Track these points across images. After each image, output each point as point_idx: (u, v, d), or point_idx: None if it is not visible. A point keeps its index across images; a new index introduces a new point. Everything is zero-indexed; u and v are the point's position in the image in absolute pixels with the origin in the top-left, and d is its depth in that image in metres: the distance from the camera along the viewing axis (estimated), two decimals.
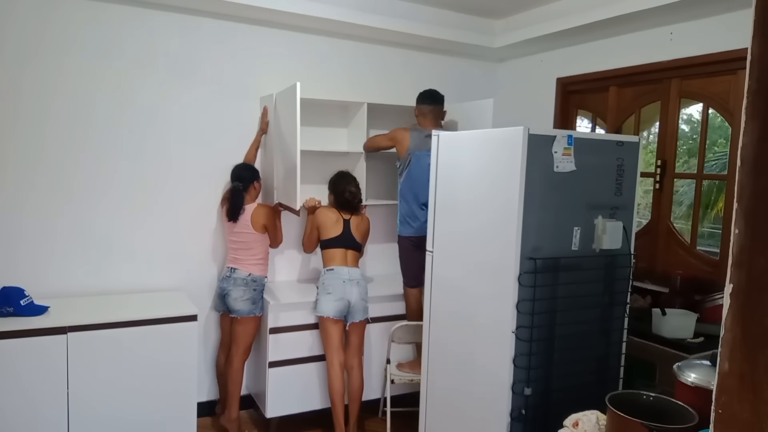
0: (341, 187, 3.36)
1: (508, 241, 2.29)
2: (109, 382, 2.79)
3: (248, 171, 3.33)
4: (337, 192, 3.37)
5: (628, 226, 2.49)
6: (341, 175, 3.42)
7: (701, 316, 2.81)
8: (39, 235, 3.08)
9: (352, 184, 3.38)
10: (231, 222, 3.24)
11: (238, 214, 3.21)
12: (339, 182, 3.38)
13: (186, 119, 3.39)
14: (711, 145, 4.47)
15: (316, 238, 3.38)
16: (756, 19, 0.79)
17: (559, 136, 2.30)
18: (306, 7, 3.35)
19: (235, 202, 3.22)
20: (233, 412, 3.27)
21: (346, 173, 3.45)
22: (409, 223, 3.39)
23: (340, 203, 3.36)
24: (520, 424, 2.32)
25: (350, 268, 3.28)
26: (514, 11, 3.80)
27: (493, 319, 2.39)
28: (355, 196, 3.38)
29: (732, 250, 0.82)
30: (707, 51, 3.00)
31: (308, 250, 3.46)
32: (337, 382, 3.22)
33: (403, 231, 3.43)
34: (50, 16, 3.01)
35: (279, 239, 3.37)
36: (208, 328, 3.55)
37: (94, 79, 3.13)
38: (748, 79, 0.80)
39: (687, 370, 1.93)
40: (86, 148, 3.16)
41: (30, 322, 2.67)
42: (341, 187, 3.36)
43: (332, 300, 3.20)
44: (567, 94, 3.94)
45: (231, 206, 3.23)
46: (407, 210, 3.39)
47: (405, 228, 3.42)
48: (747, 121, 0.80)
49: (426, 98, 3.47)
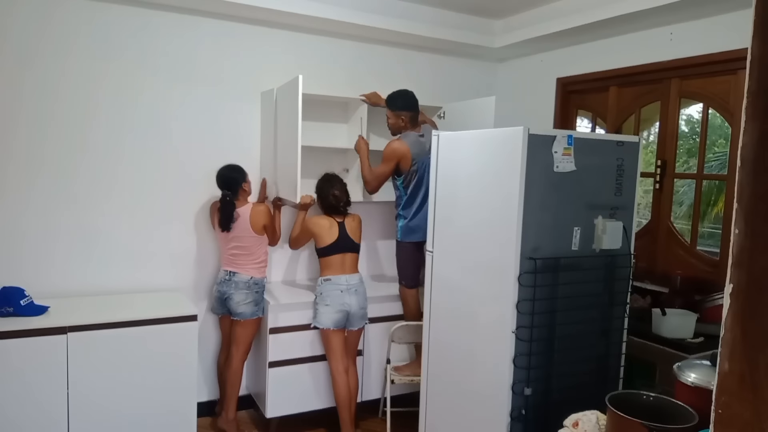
0: (326, 191, 3.28)
1: (508, 240, 2.29)
2: (109, 382, 2.79)
3: (235, 173, 3.22)
4: (322, 196, 3.30)
5: (628, 226, 2.49)
6: (326, 179, 3.34)
7: (701, 316, 2.81)
8: (40, 234, 3.08)
9: (336, 188, 3.28)
10: (225, 232, 3.19)
11: (231, 224, 3.15)
12: (324, 186, 3.31)
13: (186, 119, 3.39)
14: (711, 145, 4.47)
15: (304, 241, 3.36)
16: (756, 19, 0.79)
17: (559, 136, 2.30)
18: (306, 7, 3.35)
19: (227, 212, 3.14)
20: (231, 412, 3.27)
21: (331, 176, 3.36)
22: (416, 230, 3.29)
23: (326, 207, 3.29)
24: (520, 424, 2.32)
25: (348, 276, 3.25)
26: (514, 11, 3.80)
27: (493, 319, 2.40)
28: (340, 200, 3.28)
29: (732, 250, 0.82)
30: (707, 51, 3.00)
31: (294, 248, 3.45)
32: (343, 387, 3.22)
33: (408, 238, 3.33)
34: (51, 17, 3.01)
35: (277, 236, 3.35)
36: (208, 328, 3.55)
37: (95, 79, 3.13)
38: (748, 79, 0.80)
39: (687, 370, 1.93)
40: (87, 148, 3.16)
41: (30, 322, 2.67)
42: (326, 191, 3.28)
43: (331, 312, 3.18)
44: (567, 94, 3.94)
45: (223, 217, 3.15)
46: (419, 218, 3.26)
47: (413, 235, 3.31)
48: (747, 121, 0.80)
49: (407, 105, 3.33)
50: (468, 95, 4.03)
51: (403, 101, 3.34)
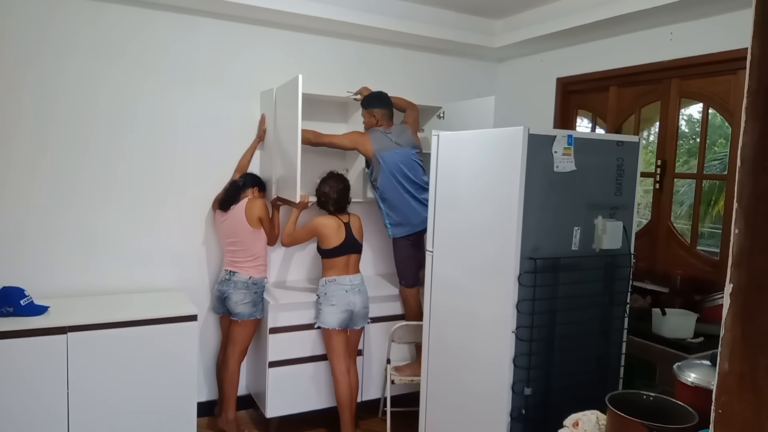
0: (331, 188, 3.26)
1: (508, 240, 2.29)
2: (109, 382, 2.79)
3: (260, 179, 3.42)
4: (325, 193, 3.27)
5: (628, 226, 2.49)
6: (330, 176, 3.33)
7: (701, 316, 2.81)
8: (40, 234, 3.08)
9: (341, 183, 3.29)
10: (221, 211, 3.24)
11: (229, 205, 3.21)
12: (328, 180, 3.29)
13: (187, 119, 3.39)
14: (711, 145, 4.47)
15: (303, 240, 3.34)
16: (756, 19, 0.79)
17: (559, 136, 2.30)
18: (306, 7, 3.35)
19: (230, 193, 3.25)
20: (230, 413, 3.27)
21: (335, 173, 3.36)
22: (401, 223, 3.37)
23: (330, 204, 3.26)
24: (520, 424, 2.32)
25: (351, 276, 3.25)
26: (514, 11, 3.80)
27: (493, 319, 2.39)
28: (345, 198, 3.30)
29: (732, 250, 0.82)
30: (707, 51, 3.00)
31: (287, 244, 3.35)
32: (345, 388, 3.22)
33: (398, 233, 3.40)
34: (51, 17, 3.01)
35: (276, 234, 3.35)
36: (208, 328, 3.55)
37: (95, 79, 3.13)
38: (748, 79, 0.80)
39: (687, 370, 1.93)
40: (87, 148, 3.16)
41: (30, 322, 2.66)
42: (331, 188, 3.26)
43: (336, 312, 3.18)
44: (567, 94, 3.94)
45: (224, 196, 3.26)
46: (397, 212, 3.36)
47: (400, 229, 3.39)
48: (747, 121, 0.80)
49: (378, 104, 3.43)
50: (468, 95, 4.03)
51: (374, 100, 3.47)
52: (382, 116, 3.45)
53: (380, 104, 3.46)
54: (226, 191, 3.29)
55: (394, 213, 3.38)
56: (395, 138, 3.40)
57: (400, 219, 3.37)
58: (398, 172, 3.33)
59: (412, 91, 3.82)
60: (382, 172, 3.34)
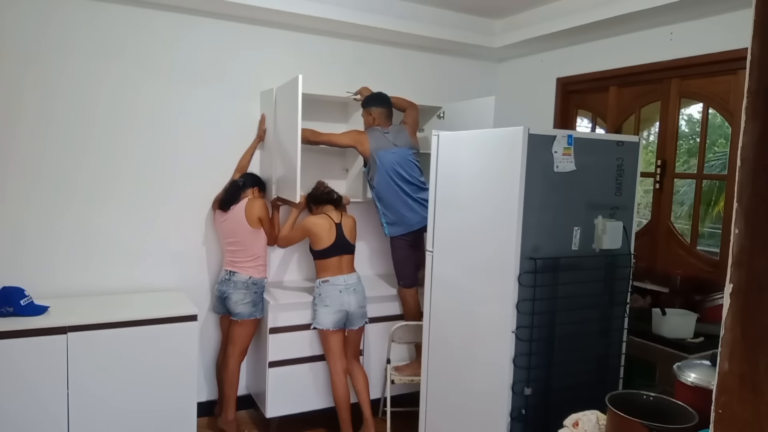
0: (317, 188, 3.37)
1: (508, 240, 2.29)
2: (109, 382, 2.79)
3: (261, 180, 3.42)
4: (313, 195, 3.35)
5: (628, 226, 2.49)
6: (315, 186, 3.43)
7: (701, 316, 2.81)
8: (40, 234, 3.08)
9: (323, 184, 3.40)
10: (221, 211, 3.24)
11: (229, 205, 3.22)
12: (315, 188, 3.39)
13: (187, 119, 3.39)
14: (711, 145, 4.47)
15: (297, 240, 3.36)
16: (756, 19, 0.79)
17: (559, 136, 2.30)
18: (306, 7, 3.35)
19: (230, 193, 3.25)
20: (230, 413, 3.27)
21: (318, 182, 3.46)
22: (397, 222, 3.37)
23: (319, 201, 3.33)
24: (520, 424, 2.32)
25: (346, 276, 3.25)
26: (514, 11, 3.80)
27: (493, 319, 2.39)
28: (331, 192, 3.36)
29: (732, 250, 0.82)
30: (707, 51, 3.00)
31: (283, 246, 3.41)
32: (342, 388, 3.22)
33: (393, 232, 3.40)
34: (51, 17, 3.01)
35: (276, 234, 3.35)
36: (209, 328, 3.55)
37: (95, 79, 3.13)
38: (748, 79, 0.80)
39: (687, 370, 1.93)
40: (87, 148, 3.16)
41: (30, 322, 2.66)
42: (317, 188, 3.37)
43: (330, 312, 3.18)
44: (567, 94, 3.94)
45: (224, 196, 3.26)
46: (393, 211, 3.37)
47: (395, 228, 3.39)
48: (747, 121, 0.80)
49: (376, 102, 3.46)
50: (468, 95, 4.03)
51: (373, 99, 3.49)
52: (380, 115, 3.46)
53: (378, 103, 3.47)
54: (226, 191, 3.29)
55: (389, 212, 3.39)
56: (393, 138, 3.41)
57: (395, 218, 3.38)
58: (394, 172, 3.34)
59: (412, 91, 3.82)
60: (378, 171, 3.35)
